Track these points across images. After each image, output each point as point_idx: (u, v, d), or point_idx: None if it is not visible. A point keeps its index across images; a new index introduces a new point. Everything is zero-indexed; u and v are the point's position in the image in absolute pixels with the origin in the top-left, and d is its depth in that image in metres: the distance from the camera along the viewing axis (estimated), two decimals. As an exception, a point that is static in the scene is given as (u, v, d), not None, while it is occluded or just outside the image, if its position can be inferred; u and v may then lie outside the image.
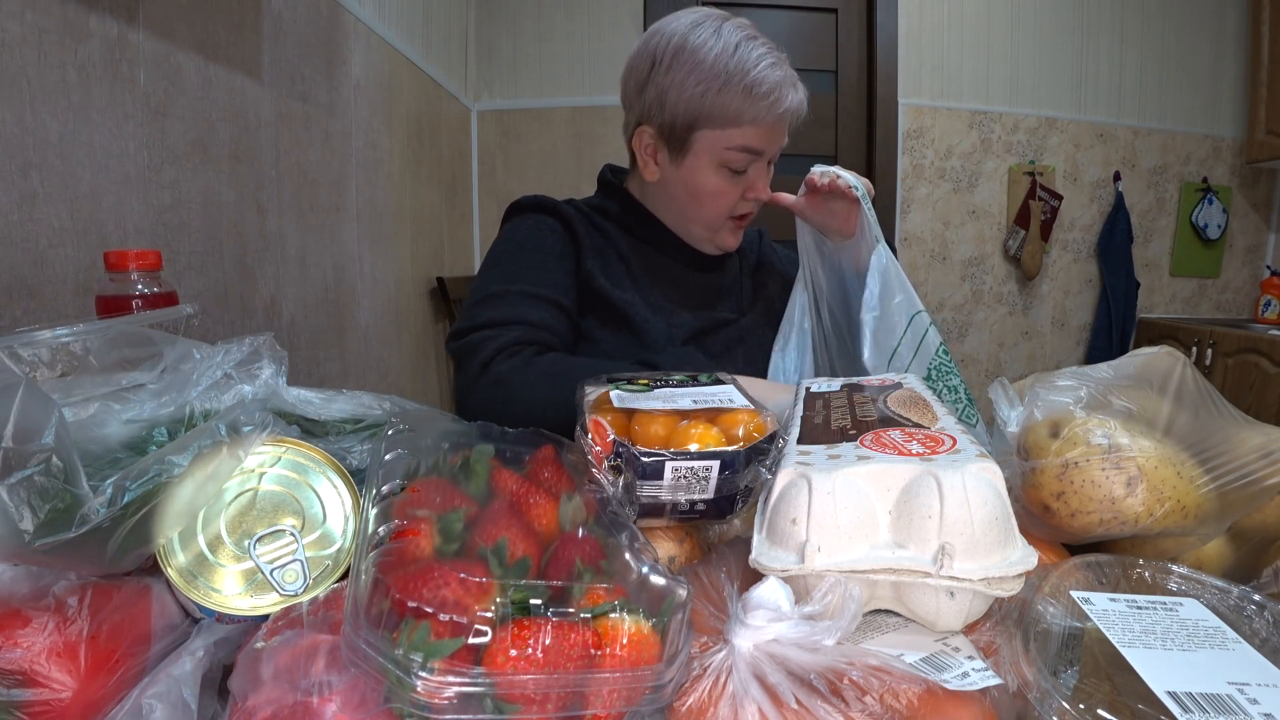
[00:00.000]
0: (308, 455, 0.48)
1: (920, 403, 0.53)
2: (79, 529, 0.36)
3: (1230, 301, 2.95)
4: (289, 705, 0.32)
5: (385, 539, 0.37)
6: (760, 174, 0.91)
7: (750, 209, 0.94)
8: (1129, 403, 0.55)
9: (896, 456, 0.43)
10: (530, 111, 2.53)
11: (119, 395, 0.46)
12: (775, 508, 0.42)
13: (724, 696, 0.35)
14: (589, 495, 0.46)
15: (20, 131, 0.78)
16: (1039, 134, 2.68)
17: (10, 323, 0.77)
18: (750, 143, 0.87)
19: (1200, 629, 0.41)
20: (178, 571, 0.42)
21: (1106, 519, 0.50)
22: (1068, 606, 0.42)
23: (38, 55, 0.80)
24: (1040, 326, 2.82)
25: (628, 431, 0.52)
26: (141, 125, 0.96)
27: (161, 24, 0.98)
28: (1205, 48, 2.74)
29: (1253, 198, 2.88)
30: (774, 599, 0.36)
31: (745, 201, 0.92)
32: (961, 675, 0.36)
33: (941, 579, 0.38)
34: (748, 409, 0.54)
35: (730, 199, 0.91)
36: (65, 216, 0.84)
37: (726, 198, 0.91)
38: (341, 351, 1.57)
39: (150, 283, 0.66)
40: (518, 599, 0.34)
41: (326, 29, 1.46)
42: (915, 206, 2.65)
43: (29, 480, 0.35)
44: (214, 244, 1.12)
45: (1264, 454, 0.51)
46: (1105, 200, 2.76)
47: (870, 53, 2.57)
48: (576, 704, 0.34)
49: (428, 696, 0.31)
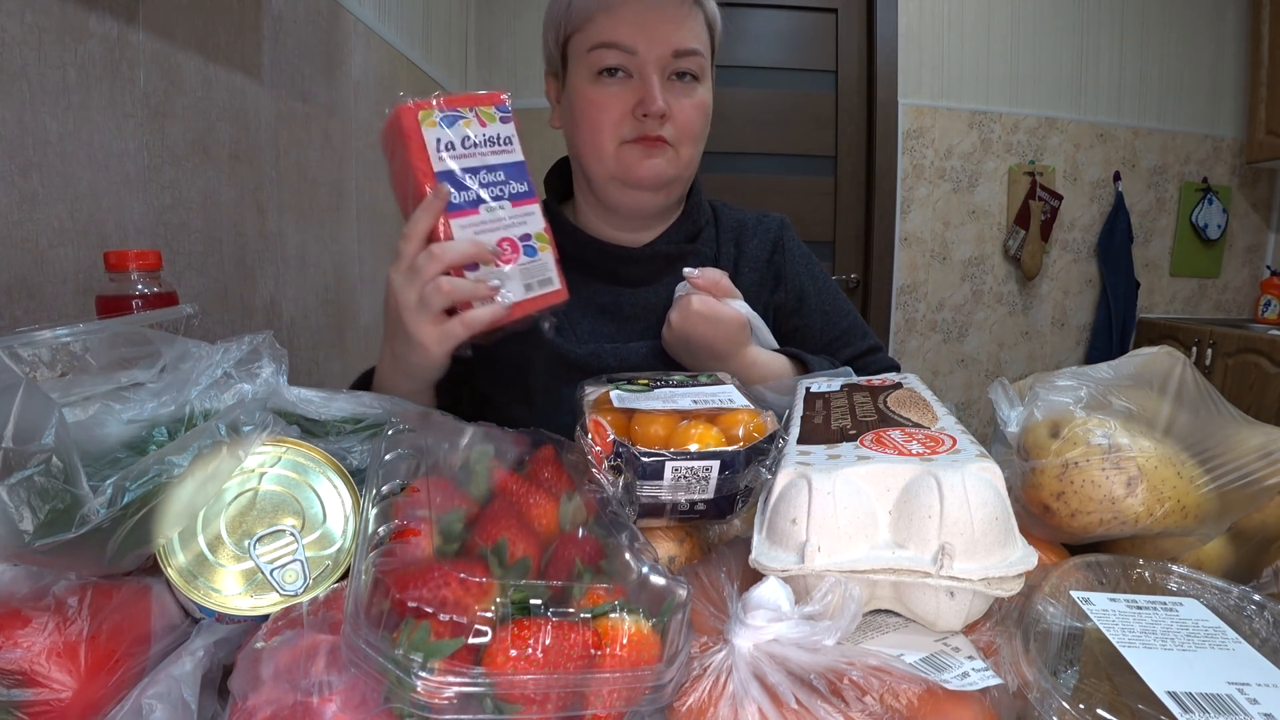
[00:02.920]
0: (308, 455, 0.48)
1: (920, 403, 0.53)
2: (79, 529, 0.36)
3: (1230, 301, 2.95)
4: (289, 705, 0.32)
5: (385, 539, 0.37)
6: (650, 83, 0.76)
7: (655, 130, 0.77)
8: (1129, 403, 0.55)
9: (896, 456, 0.43)
10: (530, 111, 2.50)
11: (118, 394, 0.46)
12: (775, 508, 0.42)
13: (724, 696, 0.35)
14: (589, 495, 0.46)
15: (20, 131, 0.78)
16: (1039, 134, 2.68)
17: (10, 323, 0.77)
18: (608, 36, 0.76)
19: (1200, 629, 0.41)
20: (178, 571, 0.42)
21: (1106, 519, 0.50)
22: (1068, 606, 0.42)
23: (38, 55, 0.80)
24: (1040, 326, 2.82)
25: (628, 431, 0.52)
26: (141, 125, 0.96)
27: (161, 24, 0.98)
28: (1205, 48, 2.74)
29: (1253, 198, 2.88)
30: (774, 599, 0.36)
31: (643, 121, 0.77)
32: (961, 675, 0.36)
33: (941, 579, 0.38)
34: (748, 409, 0.54)
35: (615, 111, 0.77)
36: (65, 216, 0.84)
37: (610, 110, 0.77)
38: (341, 351, 1.57)
39: (150, 283, 0.66)
40: (518, 599, 0.34)
41: (326, 29, 1.46)
42: (915, 206, 2.65)
43: (29, 481, 0.35)
44: (214, 244, 1.12)
45: (1264, 454, 0.51)
46: (1105, 200, 2.76)
47: (870, 53, 2.57)
48: (576, 704, 0.34)
49: (428, 696, 0.31)
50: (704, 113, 0.82)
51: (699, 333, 0.75)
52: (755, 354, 0.79)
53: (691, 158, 0.82)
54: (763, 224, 0.94)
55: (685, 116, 0.79)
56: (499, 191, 0.66)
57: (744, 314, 0.77)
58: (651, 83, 0.76)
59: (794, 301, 0.92)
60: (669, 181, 0.81)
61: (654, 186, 0.81)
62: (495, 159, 0.66)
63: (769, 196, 2.56)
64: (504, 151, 0.67)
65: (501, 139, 0.67)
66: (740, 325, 0.76)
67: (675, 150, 0.80)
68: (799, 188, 2.63)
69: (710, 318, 0.75)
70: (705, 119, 0.82)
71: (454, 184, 0.63)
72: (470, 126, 0.65)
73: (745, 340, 0.78)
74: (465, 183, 0.64)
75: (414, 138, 0.62)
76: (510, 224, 0.66)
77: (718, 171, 2.47)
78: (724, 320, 0.75)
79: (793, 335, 0.91)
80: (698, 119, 0.80)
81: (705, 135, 0.84)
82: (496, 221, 0.65)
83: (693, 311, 0.75)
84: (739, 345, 0.77)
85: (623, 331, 0.86)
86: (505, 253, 0.65)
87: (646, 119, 0.77)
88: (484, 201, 0.64)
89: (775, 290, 0.92)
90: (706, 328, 0.75)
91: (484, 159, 0.65)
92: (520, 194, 0.67)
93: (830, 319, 0.93)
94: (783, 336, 0.88)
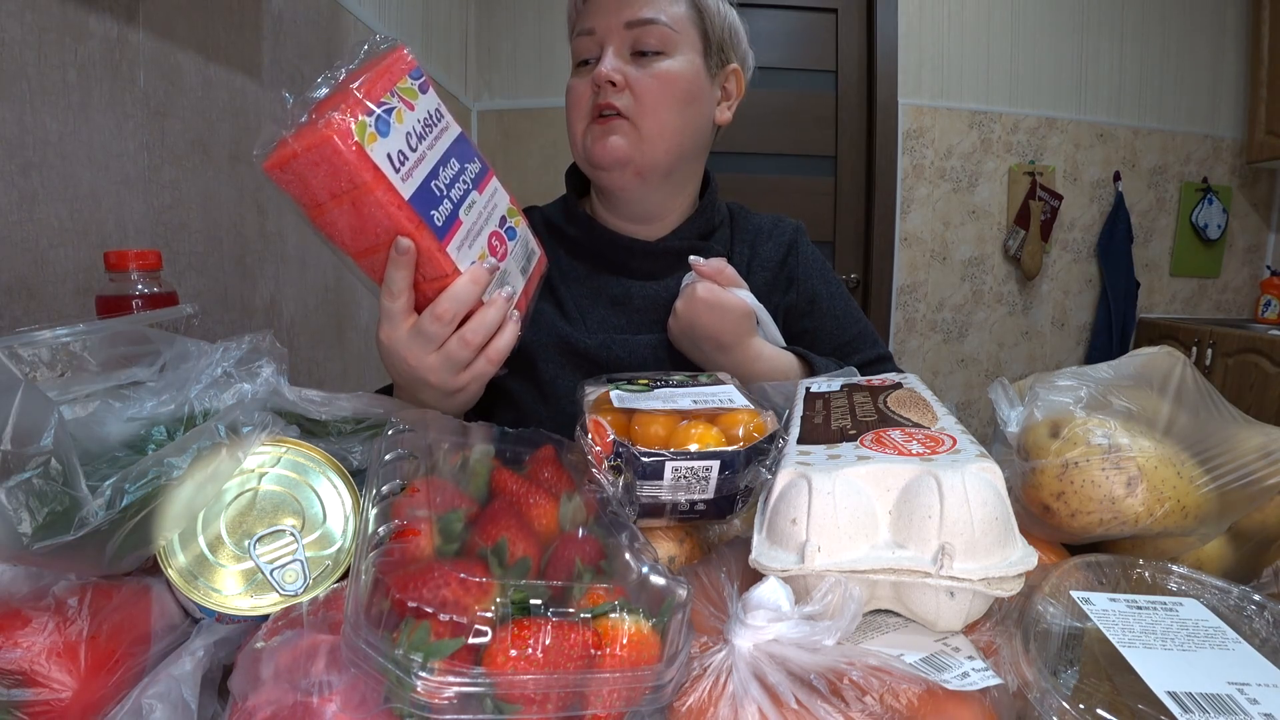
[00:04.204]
0: (308, 455, 0.48)
1: (920, 403, 0.53)
2: (77, 532, 0.35)
3: (1230, 301, 2.95)
4: (289, 705, 0.32)
5: (385, 539, 0.37)
6: (605, 58, 0.76)
7: (605, 99, 0.76)
8: (1129, 403, 0.55)
9: (896, 456, 0.43)
10: (530, 111, 2.53)
11: (118, 393, 0.46)
12: (775, 508, 0.42)
13: (724, 696, 0.35)
14: (589, 495, 0.46)
15: (20, 131, 0.78)
16: (1039, 134, 2.68)
17: (10, 323, 0.77)
18: (579, 25, 0.79)
19: (1200, 629, 0.41)
20: (178, 572, 0.42)
21: (1106, 519, 0.50)
22: (1068, 606, 0.42)
23: (38, 55, 0.80)
24: (1040, 326, 2.82)
25: (628, 431, 0.52)
26: (141, 125, 0.96)
27: (161, 24, 0.98)
28: (1205, 48, 2.74)
29: (1253, 198, 2.88)
30: (774, 599, 0.36)
31: (597, 93, 0.77)
32: (961, 675, 0.36)
33: (941, 579, 0.38)
34: (748, 409, 0.54)
35: (583, 94, 0.78)
36: (65, 216, 0.84)
37: (579, 93, 0.79)
38: (341, 351, 1.57)
39: (150, 283, 0.66)
40: (518, 599, 0.34)
41: (326, 29, 1.46)
42: (915, 206, 2.65)
43: (27, 483, 0.35)
44: (214, 244, 1.12)
45: (1264, 454, 0.51)
46: (1105, 200, 2.76)
47: (870, 53, 2.57)
48: (576, 704, 0.34)
49: (428, 696, 0.31)
50: (667, 84, 0.77)
51: (704, 321, 0.75)
52: (761, 347, 0.78)
53: (658, 133, 0.78)
54: (778, 228, 0.94)
55: (642, 85, 0.76)
56: (465, 184, 0.56)
57: (749, 303, 0.76)
58: (605, 53, 0.76)
59: (805, 304, 0.91)
60: (628, 161, 0.78)
61: (610, 165, 0.78)
62: (441, 144, 0.55)
63: (769, 196, 2.55)
64: (443, 130, 0.55)
65: (433, 115, 0.54)
66: (745, 314, 0.76)
67: (634, 124, 0.77)
68: (799, 188, 2.63)
69: (715, 305, 0.75)
70: (675, 91, 0.78)
71: (428, 202, 0.52)
72: (404, 119, 0.51)
73: (750, 330, 0.77)
74: (435, 193, 0.53)
75: (363, 167, 0.48)
76: (488, 215, 0.58)
77: (718, 171, 2.46)
78: (729, 308, 0.75)
79: (802, 338, 0.90)
80: (656, 88, 0.77)
81: (681, 112, 0.79)
82: (477, 220, 0.56)
83: (698, 298, 0.75)
84: (744, 335, 0.76)
85: (631, 323, 0.86)
86: (498, 250, 0.58)
87: (599, 90, 0.76)
88: (459, 205, 0.55)
89: (787, 292, 0.91)
90: (711, 316, 0.75)
91: (435, 151, 0.54)
92: (479, 174, 0.57)
93: (841, 324, 0.92)
94: (793, 338, 0.88)
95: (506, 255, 0.60)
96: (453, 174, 0.55)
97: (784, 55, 2.55)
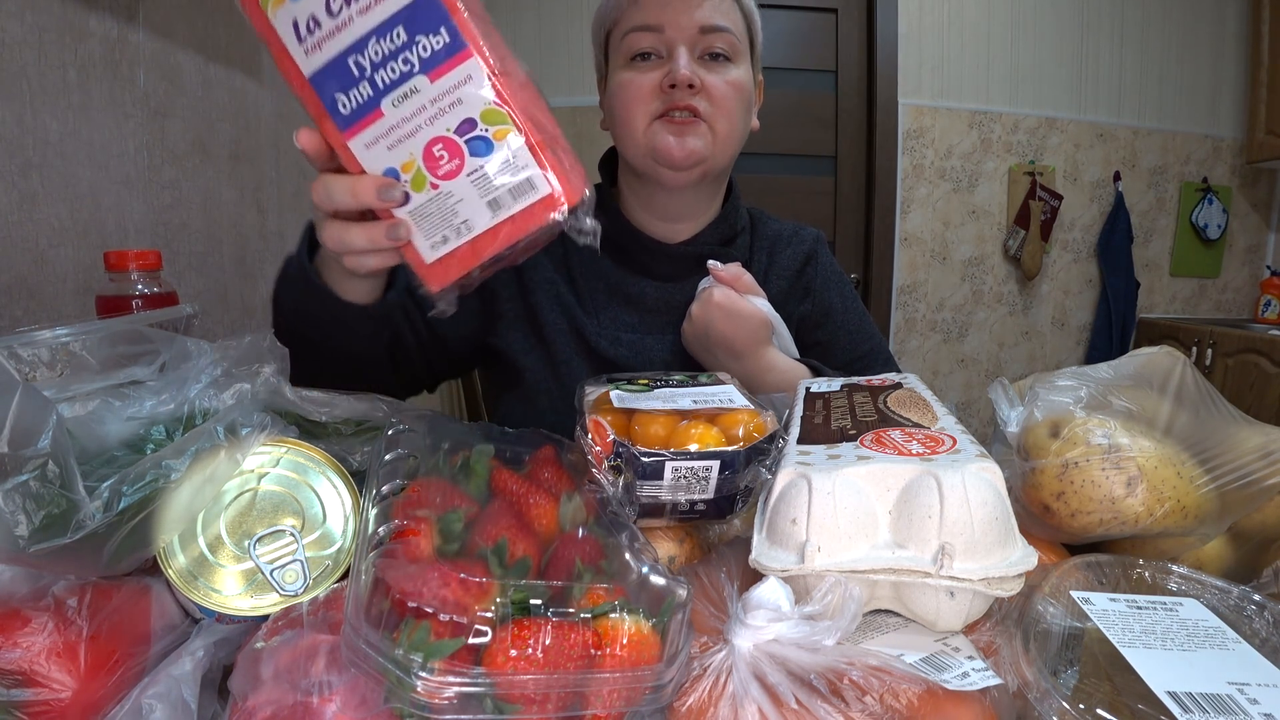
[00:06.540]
0: (308, 455, 0.48)
1: (920, 403, 0.53)
2: (74, 535, 0.35)
3: (1230, 301, 2.95)
4: (289, 705, 0.32)
5: (385, 539, 0.37)
6: (677, 56, 0.77)
7: (684, 100, 0.77)
8: (1129, 403, 0.55)
9: (896, 456, 0.43)
10: (530, 111, 2.53)
11: (118, 392, 0.46)
12: (775, 508, 0.42)
13: (724, 696, 0.35)
14: (589, 495, 0.46)
15: (20, 131, 0.78)
16: (1039, 134, 2.68)
17: (10, 323, 0.77)
18: (639, 20, 0.78)
19: (1200, 629, 0.41)
20: (178, 572, 0.42)
21: (1106, 519, 0.50)
22: (1068, 606, 0.42)
23: (38, 55, 0.80)
24: (1040, 326, 2.82)
25: (628, 431, 0.52)
26: (141, 125, 0.96)
27: (161, 24, 0.98)
28: (1205, 48, 2.74)
29: (1253, 198, 2.88)
30: (774, 599, 0.36)
31: (670, 93, 0.77)
32: (961, 675, 0.36)
33: (941, 579, 0.38)
34: (748, 409, 0.54)
35: (646, 88, 0.78)
36: (65, 216, 0.84)
37: (640, 87, 0.78)
38: (341, 351, 1.57)
39: (150, 283, 0.66)
40: (518, 599, 0.34)
41: (326, 29, 1.46)
42: (915, 206, 2.65)
43: (24, 486, 0.35)
44: (214, 244, 1.12)
45: (1264, 454, 0.51)
46: (1105, 200, 2.76)
47: (870, 53, 2.57)
48: (576, 704, 0.34)
49: (428, 696, 0.31)
50: (740, 91, 0.80)
51: (719, 327, 0.75)
52: (775, 357, 0.78)
53: (728, 137, 0.80)
54: (798, 236, 0.94)
55: (719, 91, 0.78)
56: (407, 65, 0.44)
57: (766, 312, 0.76)
58: (679, 54, 0.77)
59: (819, 315, 0.91)
60: (702, 159, 0.79)
61: (689, 165, 0.79)
62: (385, 8, 0.43)
63: (769, 196, 2.55)
64: None
65: None
66: (761, 323, 0.76)
67: (710, 126, 0.78)
68: (799, 188, 2.63)
69: (731, 311, 0.75)
70: (742, 98, 0.80)
71: (335, 82, 0.44)
72: None
73: (765, 340, 0.77)
74: (350, 73, 0.44)
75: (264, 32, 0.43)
76: (436, 111, 0.45)
77: (718, 171, 2.46)
78: (744, 315, 0.75)
79: (815, 350, 0.90)
80: (732, 94, 0.79)
81: (744, 119, 0.82)
82: (414, 114, 0.45)
83: (714, 304, 0.75)
84: (758, 344, 0.76)
85: (644, 323, 0.86)
86: (441, 162, 0.45)
87: (674, 90, 0.76)
88: (386, 91, 0.44)
89: (802, 302, 0.91)
90: (727, 322, 0.75)
91: (370, 17, 0.43)
92: (441, 53, 0.44)
93: (855, 339, 0.92)
94: (805, 350, 0.88)
95: (459, 173, 0.45)
96: (389, 49, 0.44)
97: (784, 55, 2.55)
